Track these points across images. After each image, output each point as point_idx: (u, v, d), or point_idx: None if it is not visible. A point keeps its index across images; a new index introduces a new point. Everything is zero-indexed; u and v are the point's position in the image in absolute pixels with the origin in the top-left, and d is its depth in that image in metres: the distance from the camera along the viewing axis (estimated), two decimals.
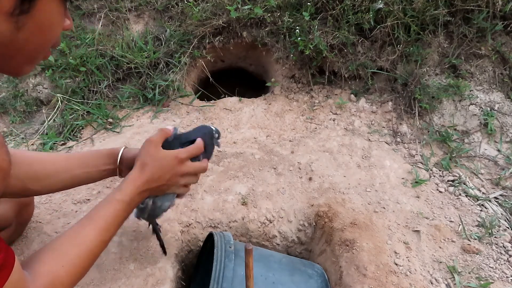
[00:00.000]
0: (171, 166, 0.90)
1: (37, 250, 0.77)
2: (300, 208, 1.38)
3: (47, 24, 0.59)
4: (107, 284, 1.09)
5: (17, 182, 0.93)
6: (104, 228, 0.82)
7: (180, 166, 0.92)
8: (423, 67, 1.77)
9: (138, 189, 0.87)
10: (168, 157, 0.90)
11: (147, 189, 0.89)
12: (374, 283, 1.11)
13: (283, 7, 1.92)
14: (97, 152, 1.04)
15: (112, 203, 0.84)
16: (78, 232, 0.79)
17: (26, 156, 0.97)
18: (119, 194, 0.85)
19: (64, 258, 0.74)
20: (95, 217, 0.82)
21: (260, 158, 1.57)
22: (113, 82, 1.94)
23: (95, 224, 0.81)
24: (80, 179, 1.00)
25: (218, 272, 1.02)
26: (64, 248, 0.76)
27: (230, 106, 1.88)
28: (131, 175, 0.88)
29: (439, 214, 1.39)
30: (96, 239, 0.80)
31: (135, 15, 2.16)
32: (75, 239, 0.78)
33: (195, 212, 1.34)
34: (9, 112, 1.91)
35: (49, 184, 0.98)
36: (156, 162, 0.89)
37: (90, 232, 0.80)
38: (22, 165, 0.94)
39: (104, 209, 0.84)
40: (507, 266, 1.23)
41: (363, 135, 1.71)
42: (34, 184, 0.95)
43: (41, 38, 0.60)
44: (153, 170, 0.88)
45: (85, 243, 0.78)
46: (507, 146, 1.63)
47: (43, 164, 0.97)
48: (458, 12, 1.75)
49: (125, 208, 0.86)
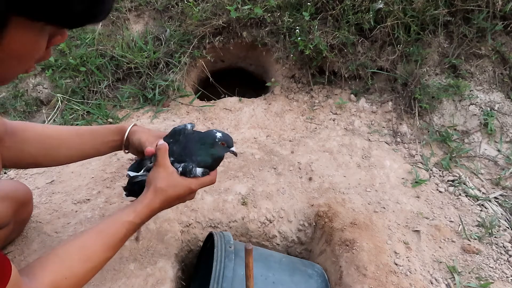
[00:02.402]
0: (184, 194, 0.94)
1: (42, 255, 0.77)
2: (300, 208, 1.38)
3: (19, 53, 0.56)
4: (107, 284, 1.09)
5: (29, 157, 0.98)
6: (112, 247, 0.84)
7: (190, 195, 0.97)
8: (423, 67, 1.77)
9: (152, 213, 0.91)
10: (182, 186, 0.92)
11: (156, 210, 0.92)
12: (374, 283, 1.11)
13: (283, 7, 1.92)
14: (107, 128, 1.08)
15: (125, 224, 0.86)
16: (87, 246, 0.80)
17: (38, 130, 1.01)
18: (133, 216, 0.87)
19: (69, 271, 0.75)
20: (105, 233, 0.84)
21: (260, 158, 1.57)
22: (113, 82, 1.94)
23: (104, 241, 0.82)
24: (88, 154, 1.05)
25: (218, 272, 1.02)
26: (70, 261, 0.77)
27: (230, 106, 1.88)
28: (147, 199, 0.90)
29: (439, 214, 1.39)
30: (103, 256, 0.82)
31: (135, 15, 2.16)
32: (83, 253, 0.79)
33: (195, 212, 1.34)
34: (9, 112, 1.91)
35: (58, 159, 1.03)
36: (170, 188, 0.91)
37: (99, 249, 0.81)
38: (34, 143, 0.98)
39: (115, 226, 0.85)
40: (507, 266, 1.23)
41: (363, 135, 1.71)
42: (44, 158, 1.00)
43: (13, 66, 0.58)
44: (167, 196, 0.91)
45: (92, 259, 0.80)
46: (507, 146, 1.63)
47: (56, 140, 1.01)
48: (458, 12, 1.75)
49: (135, 228, 0.89)
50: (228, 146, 0.97)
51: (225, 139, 0.96)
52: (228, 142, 0.96)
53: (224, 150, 0.97)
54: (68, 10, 0.52)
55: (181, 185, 0.92)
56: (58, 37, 0.61)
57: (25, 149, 0.97)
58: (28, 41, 0.55)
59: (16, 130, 0.97)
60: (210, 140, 0.95)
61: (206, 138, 0.96)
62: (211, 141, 0.95)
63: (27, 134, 0.98)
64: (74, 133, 1.05)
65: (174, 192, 0.91)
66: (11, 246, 1.19)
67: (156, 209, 0.91)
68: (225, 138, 0.96)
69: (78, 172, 1.49)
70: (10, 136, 0.95)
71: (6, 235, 1.12)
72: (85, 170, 1.49)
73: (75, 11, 0.52)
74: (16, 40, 0.53)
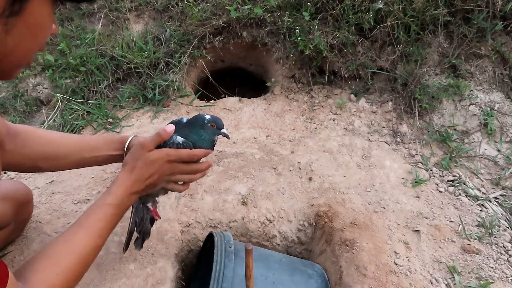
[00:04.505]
0: (160, 166, 0.89)
1: (29, 259, 0.76)
2: (300, 208, 1.38)
3: (37, 27, 0.56)
4: (107, 284, 1.09)
5: (29, 161, 0.97)
6: (96, 234, 0.81)
7: (168, 166, 0.90)
8: (423, 67, 1.77)
9: (127, 191, 0.87)
10: (157, 157, 0.89)
11: (136, 190, 0.88)
12: (374, 283, 1.11)
13: (283, 7, 1.92)
14: (108, 137, 1.06)
15: (103, 208, 0.84)
16: (70, 239, 0.79)
17: (40, 136, 1.00)
18: (109, 197, 0.85)
19: (58, 266, 0.74)
20: (86, 222, 0.82)
21: (260, 158, 1.57)
22: (113, 82, 1.94)
23: (86, 230, 0.81)
24: (88, 162, 1.03)
25: (218, 272, 1.02)
26: (58, 256, 0.75)
27: (230, 106, 1.88)
28: (119, 179, 0.87)
29: (439, 214, 1.39)
30: (89, 245, 0.80)
31: (135, 15, 2.16)
32: (68, 246, 0.77)
33: (195, 212, 1.34)
34: (9, 112, 1.91)
35: (58, 165, 1.02)
36: (145, 163, 0.88)
37: (82, 238, 0.79)
38: (36, 146, 0.98)
39: (94, 213, 0.83)
40: (507, 266, 1.23)
41: (363, 135, 1.71)
42: (44, 163, 0.99)
43: (30, 41, 0.57)
44: (142, 172, 0.88)
45: (78, 249, 0.78)
46: (507, 146, 1.63)
47: (56, 146, 1.00)
48: (458, 12, 1.75)
49: (116, 211, 0.85)
50: (218, 128, 0.97)
51: (214, 120, 0.96)
52: (217, 123, 0.96)
53: (214, 132, 0.97)
54: None
55: (157, 157, 0.88)
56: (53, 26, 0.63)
57: (25, 153, 0.96)
58: (46, 14, 0.57)
59: (18, 132, 0.97)
60: (199, 122, 0.96)
61: (195, 121, 0.97)
62: (201, 123, 0.96)
63: (29, 137, 0.98)
64: (76, 140, 1.05)
65: (145, 164, 0.88)
66: (11, 246, 1.19)
67: (130, 186, 0.87)
68: (214, 119, 0.96)
69: (78, 172, 1.49)
70: (12, 138, 0.95)
71: (6, 235, 1.13)
72: (85, 170, 1.49)
73: None
74: (35, 12, 0.54)
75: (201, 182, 1.44)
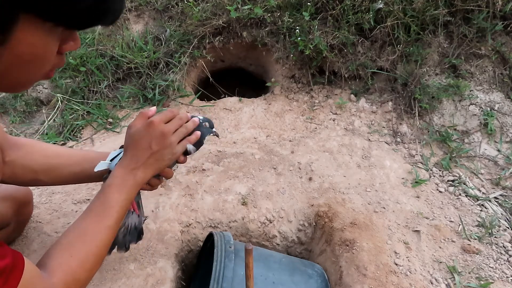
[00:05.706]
0: (146, 131, 0.86)
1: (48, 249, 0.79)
2: (300, 208, 1.38)
3: (29, 56, 0.55)
4: (107, 284, 1.09)
5: (30, 173, 0.97)
6: (104, 214, 0.83)
7: (154, 127, 0.86)
8: (423, 67, 1.77)
9: (127, 168, 0.86)
10: (140, 127, 0.87)
11: (135, 166, 0.86)
12: (374, 283, 1.11)
13: (283, 7, 1.92)
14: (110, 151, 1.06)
15: (104, 190, 0.85)
16: (78, 225, 0.82)
17: (44, 148, 1.01)
18: (112, 179, 0.86)
19: (70, 250, 0.77)
20: (92, 205, 0.84)
21: (260, 158, 1.57)
22: (113, 82, 1.94)
23: (92, 213, 0.83)
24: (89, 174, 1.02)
25: (218, 272, 1.02)
26: (69, 241, 0.79)
27: (230, 106, 1.88)
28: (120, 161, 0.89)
29: (439, 214, 1.39)
30: (100, 226, 0.82)
31: (135, 15, 2.16)
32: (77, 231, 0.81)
33: (195, 212, 1.34)
34: (9, 112, 1.91)
35: (59, 176, 1.01)
36: (132, 138, 0.88)
37: (92, 220, 0.82)
38: (39, 157, 0.98)
39: (100, 195, 0.85)
40: (507, 266, 1.23)
41: (363, 135, 1.71)
42: (45, 175, 0.99)
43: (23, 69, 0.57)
44: (134, 144, 0.87)
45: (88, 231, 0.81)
46: (507, 146, 1.63)
47: (59, 157, 1.01)
48: (458, 12, 1.75)
49: (118, 190, 0.85)
50: (211, 127, 1.00)
51: (207, 119, 1.00)
52: (210, 122, 1.00)
53: (207, 131, 0.99)
54: (72, 7, 0.51)
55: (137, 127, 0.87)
56: (71, 43, 0.61)
57: (28, 164, 0.96)
58: (37, 43, 0.54)
59: (22, 144, 0.97)
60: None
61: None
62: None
63: (33, 149, 0.98)
64: (79, 152, 1.06)
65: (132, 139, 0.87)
66: (11, 246, 1.19)
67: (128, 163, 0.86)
68: (207, 119, 1.00)
69: None
70: (13, 150, 0.95)
71: (6, 235, 1.13)
72: None
73: (80, 7, 0.52)
74: (24, 41, 0.52)
75: (201, 182, 1.44)
